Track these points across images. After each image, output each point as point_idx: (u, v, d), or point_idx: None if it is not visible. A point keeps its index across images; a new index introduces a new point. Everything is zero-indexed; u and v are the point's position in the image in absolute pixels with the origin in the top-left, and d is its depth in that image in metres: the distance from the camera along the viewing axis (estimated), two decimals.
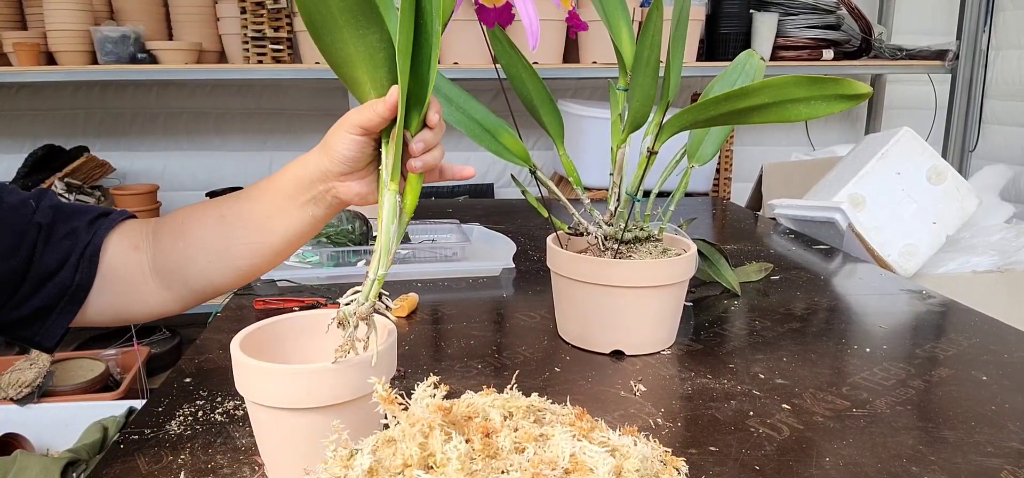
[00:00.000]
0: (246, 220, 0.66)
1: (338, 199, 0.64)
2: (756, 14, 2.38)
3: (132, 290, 0.69)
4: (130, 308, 0.70)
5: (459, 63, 2.24)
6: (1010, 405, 0.74)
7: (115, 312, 0.70)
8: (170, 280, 0.68)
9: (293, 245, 0.67)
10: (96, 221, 0.70)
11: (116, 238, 0.69)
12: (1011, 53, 2.44)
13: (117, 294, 0.69)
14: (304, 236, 0.66)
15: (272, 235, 0.65)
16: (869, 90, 0.61)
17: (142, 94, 2.68)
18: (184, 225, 0.68)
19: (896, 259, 1.62)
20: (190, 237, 0.67)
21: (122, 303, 0.69)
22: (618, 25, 0.85)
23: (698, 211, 1.79)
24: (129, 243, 0.69)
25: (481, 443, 0.43)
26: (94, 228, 0.69)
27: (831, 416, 0.72)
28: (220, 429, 0.69)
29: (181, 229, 0.68)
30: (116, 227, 0.70)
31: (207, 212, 0.68)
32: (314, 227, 0.66)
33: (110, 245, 0.69)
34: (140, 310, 0.70)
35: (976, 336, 0.93)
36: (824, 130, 2.87)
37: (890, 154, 1.65)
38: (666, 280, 0.84)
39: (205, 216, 0.68)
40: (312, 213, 0.64)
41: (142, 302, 0.69)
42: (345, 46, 0.54)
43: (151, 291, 0.69)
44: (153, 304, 0.69)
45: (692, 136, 0.94)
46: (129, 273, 0.68)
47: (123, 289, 0.69)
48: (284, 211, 0.65)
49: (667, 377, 0.81)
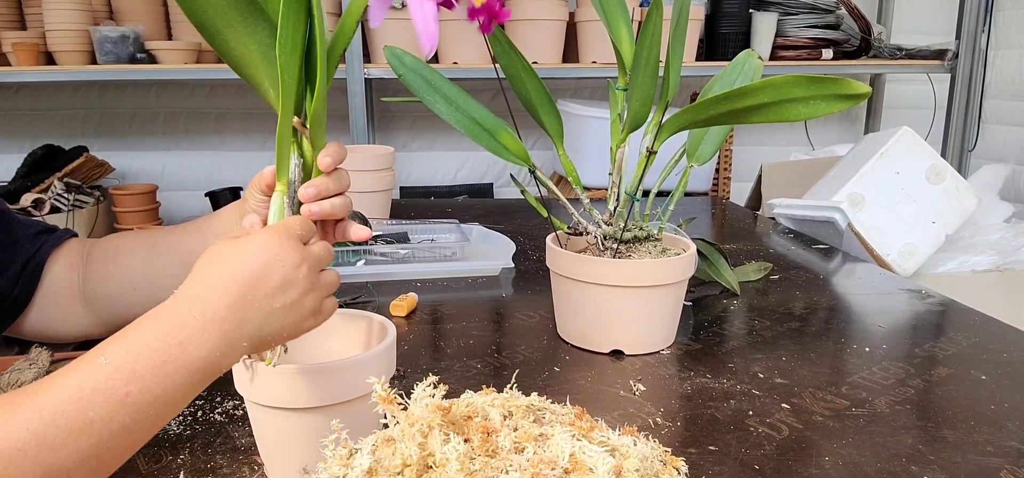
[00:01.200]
0: (173, 253, 0.68)
1: None
2: (755, 14, 2.38)
3: (62, 310, 0.70)
4: (57, 328, 0.71)
5: (459, 63, 2.24)
6: (1009, 404, 0.74)
7: (43, 329, 0.71)
8: (95, 305, 0.70)
9: None
10: (40, 236, 0.71)
11: (59, 256, 0.71)
12: (1010, 52, 2.44)
13: (48, 312, 0.70)
14: None
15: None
16: (868, 90, 0.61)
17: (141, 94, 2.68)
18: (117, 251, 0.70)
19: (895, 258, 1.62)
20: (120, 263, 0.69)
21: (51, 321, 0.71)
22: (618, 25, 0.85)
23: (697, 211, 1.79)
24: (67, 263, 0.71)
25: (480, 443, 0.43)
26: (38, 242, 0.70)
27: (830, 415, 0.72)
28: (219, 429, 0.69)
29: (114, 254, 0.70)
30: (61, 245, 0.71)
31: (141, 240, 0.70)
32: None
33: (53, 262, 0.70)
34: (66, 331, 0.72)
35: (975, 335, 0.93)
36: (823, 130, 2.87)
37: (889, 154, 1.65)
38: (665, 280, 0.84)
39: (138, 245, 0.70)
40: None
41: (70, 324, 0.71)
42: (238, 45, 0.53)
43: (78, 313, 0.70)
44: (78, 327, 0.71)
45: (691, 136, 0.94)
46: (61, 294, 0.70)
47: (54, 308, 0.70)
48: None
49: (666, 377, 0.81)
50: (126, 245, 0.71)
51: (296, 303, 0.51)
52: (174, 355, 0.46)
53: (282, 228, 0.53)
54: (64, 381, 0.43)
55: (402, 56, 0.86)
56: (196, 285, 0.49)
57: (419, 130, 2.74)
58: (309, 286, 0.52)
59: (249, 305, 0.49)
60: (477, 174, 2.81)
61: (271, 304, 0.50)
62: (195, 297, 0.48)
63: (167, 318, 0.47)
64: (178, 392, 0.46)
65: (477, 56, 2.23)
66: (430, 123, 2.73)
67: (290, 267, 0.51)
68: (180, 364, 0.46)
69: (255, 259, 0.50)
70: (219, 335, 0.48)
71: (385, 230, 1.34)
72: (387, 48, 0.85)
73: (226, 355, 0.49)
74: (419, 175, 2.76)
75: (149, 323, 0.47)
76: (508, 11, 0.73)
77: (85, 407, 0.43)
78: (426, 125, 2.73)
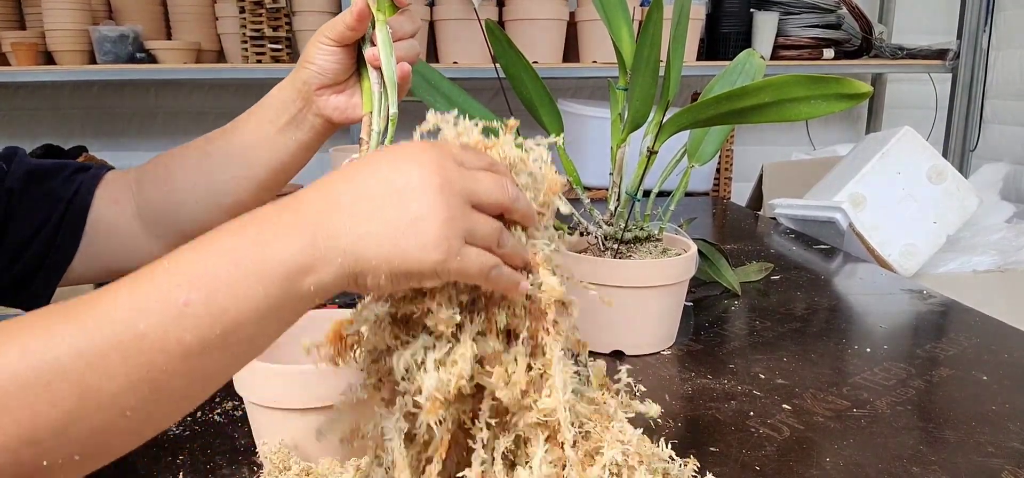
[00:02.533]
0: (229, 153, 0.63)
1: (319, 117, 0.61)
2: (756, 13, 2.37)
3: (120, 243, 0.66)
4: (119, 261, 0.66)
5: (459, 63, 2.23)
6: (1011, 405, 0.74)
7: (104, 267, 0.66)
8: (160, 228, 0.65)
9: (278, 178, 0.64)
10: (74, 176, 0.66)
11: (100, 192, 0.66)
12: (1012, 52, 2.44)
13: (105, 250, 0.66)
14: (288, 168, 0.64)
15: (255, 167, 0.63)
16: (869, 89, 0.61)
17: (140, 94, 2.68)
18: (168, 168, 0.66)
19: (896, 259, 1.62)
20: (174, 180, 0.65)
21: (111, 258, 0.66)
22: (618, 25, 0.85)
23: (698, 211, 1.78)
24: (110, 196, 0.66)
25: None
26: (74, 184, 0.65)
27: (831, 416, 0.71)
28: (219, 429, 0.68)
29: (165, 173, 0.66)
30: (99, 183, 0.67)
31: (190, 151, 0.66)
32: (297, 156, 0.63)
33: (95, 202, 0.65)
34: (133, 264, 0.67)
35: (976, 336, 0.92)
36: (824, 129, 2.86)
37: (890, 153, 1.65)
38: (666, 280, 0.84)
39: (188, 155, 0.65)
40: (295, 138, 0.62)
41: (134, 256, 0.66)
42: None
43: (140, 243, 0.66)
44: (145, 255, 0.65)
45: (692, 135, 0.94)
46: (115, 227, 0.66)
47: (110, 244, 0.66)
48: (267, 139, 0.62)
49: (667, 377, 0.81)
50: (176, 161, 0.65)
51: (417, 221, 0.38)
52: (247, 257, 0.37)
53: (436, 144, 0.42)
54: (119, 288, 0.36)
55: None
56: (309, 189, 0.41)
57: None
58: (443, 210, 0.39)
59: (353, 208, 0.39)
60: None
61: (382, 212, 0.39)
62: (297, 199, 0.40)
63: (251, 219, 0.39)
64: (251, 308, 0.37)
65: (477, 56, 2.22)
66: None
67: (421, 172, 0.39)
68: (253, 269, 0.37)
69: (382, 163, 0.40)
70: (308, 239, 0.38)
71: None
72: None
73: (313, 265, 0.38)
74: None
75: (231, 226, 0.39)
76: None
77: (135, 317, 0.35)
78: None
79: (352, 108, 0.61)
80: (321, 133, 0.63)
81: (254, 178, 0.63)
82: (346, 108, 0.61)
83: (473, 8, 2.10)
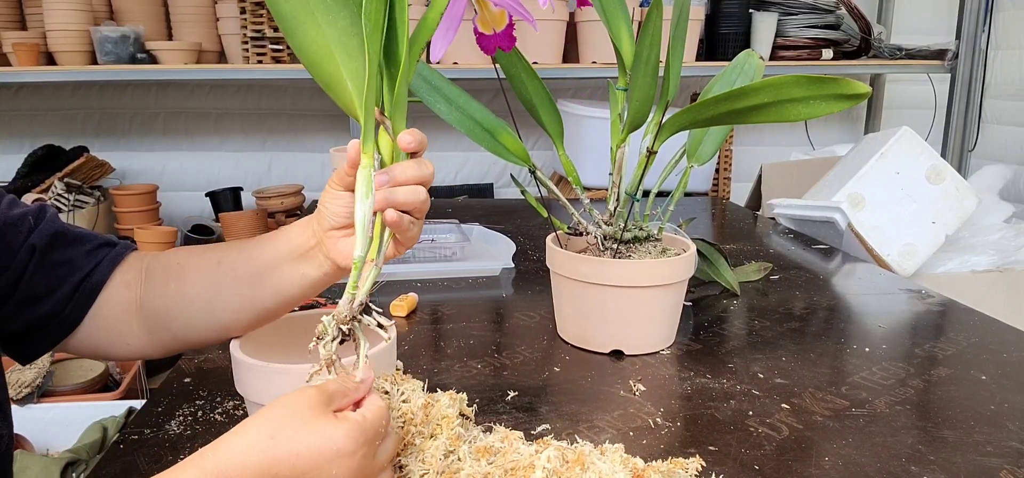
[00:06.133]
0: (240, 271, 0.63)
1: (329, 259, 0.61)
2: (755, 14, 2.38)
3: (116, 330, 0.66)
4: (109, 347, 0.67)
5: (459, 63, 2.24)
6: (1009, 405, 0.74)
7: (95, 347, 0.66)
8: (154, 324, 0.65)
9: (279, 309, 0.64)
10: (98, 251, 0.66)
11: (118, 274, 0.66)
12: (1010, 53, 2.44)
13: (102, 331, 0.65)
14: (291, 302, 0.64)
15: (262, 291, 0.63)
16: (868, 90, 0.61)
17: (141, 94, 2.68)
18: (180, 268, 0.65)
19: (895, 259, 1.62)
20: (183, 281, 0.64)
21: (104, 340, 0.66)
22: (618, 25, 0.85)
23: (697, 211, 1.79)
24: (124, 281, 0.66)
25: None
26: (95, 259, 0.65)
27: (830, 416, 0.72)
28: (220, 429, 0.69)
29: (176, 272, 0.65)
30: (121, 262, 0.66)
31: (206, 257, 0.65)
32: (304, 290, 0.63)
33: (111, 281, 0.65)
34: (119, 351, 0.67)
35: (975, 336, 0.93)
36: (824, 130, 2.87)
37: (889, 154, 1.65)
38: (665, 280, 0.84)
39: (202, 261, 0.65)
40: (303, 272, 0.62)
41: (123, 343, 0.66)
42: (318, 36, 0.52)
43: (133, 333, 0.66)
44: (133, 346, 0.66)
45: (691, 136, 0.94)
46: (117, 313, 0.65)
47: (108, 328, 0.65)
48: (278, 267, 0.62)
49: (666, 377, 0.81)
50: (190, 262, 0.65)
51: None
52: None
53: (366, 429, 0.48)
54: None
55: None
56: (230, 447, 0.45)
57: (419, 130, 2.74)
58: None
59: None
60: (477, 174, 2.81)
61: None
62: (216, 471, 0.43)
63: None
64: None
65: (477, 56, 2.23)
66: (430, 123, 2.73)
67: (346, 473, 0.46)
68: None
69: (312, 453, 0.45)
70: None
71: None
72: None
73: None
74: None
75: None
76: (515, 38, 0.74)
77: None
78: (426, 125, 2.72)
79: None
80: (329, 275, 0.62)
81: (258, 304, 0.63)
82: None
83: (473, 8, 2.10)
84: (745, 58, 0.95)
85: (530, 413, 0.72)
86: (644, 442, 0.67)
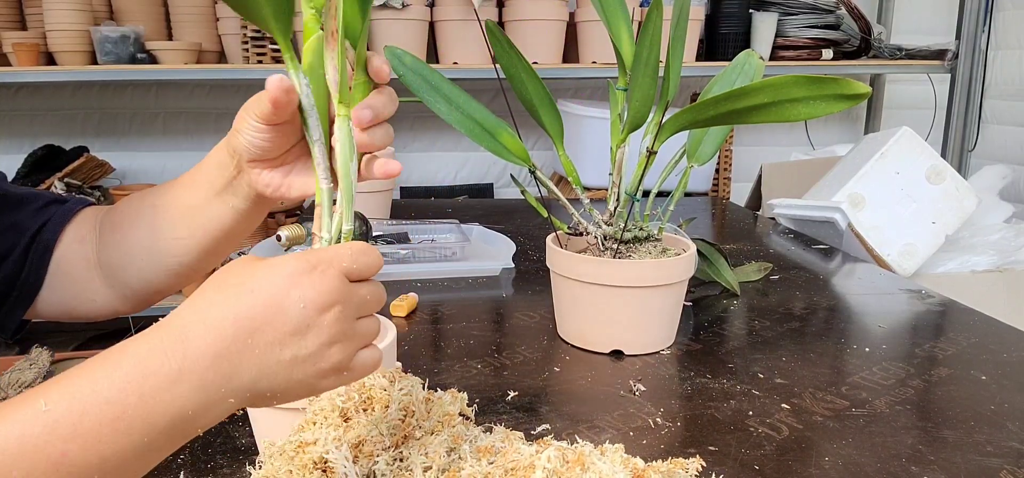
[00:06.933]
0: (173, 213, 0.60)
1: (252, 188, 0.56)
2: (755, 14, 2.38)
3: (80, 287, 0.63)
4: (78, 306, 0.64)
5: (459, 63, 2.24)
6: (1009, 405, 0.74)
7: (64, 308, 0.64)
8: (112, 278, 0.63)
9: (221, 246, 0.61)
10: (46, 209, 0.64)
11: (70, 229, 0.64)
12: (1010, 53, 2.44)
13: (66, 290, 0.63)
14: (231, 235, 0.60)
15: (198, 230, 0.59)
16: (868, 90, 0.61)
17: (141, 94, 2.68)
18: (123, 215, 0.63)
19: (895, 259, 1.62)
20: (127, 229, 0.62)
21: (71, 300, 0.64)
22: (618, 25, 0.85)
23: (697, 211, 1.79)
24: (78, 235, 0.64)
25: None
26: (42, 217, 0.63)
27: (830, 416, 0.72)
28: (220, 429, 0.68)
29: (120, 220, 0.63)
30: (72, 219, 0.64)
31: (143, 202, 0.62)
32: (238, 223, 0.59)
33: (64, 237, 0.63)
34: (87, 309, 0.64)
35: (975, 336, 0.93)
36: (824, 130, 2.87)
37: (889, 154, 1.65)
38: (665, 280, 0.84)
39: (141, 206, 0.62)
40: (232, 205, 0.58)
41: (89, 300, 0.64)
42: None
43: (97, 289, 0.63)
44: (100, 303, 0.64)
45: (691, 136, 0.94)
46: (75, 268, 0.63)
47: (71, 285, 0.63)
48: (205, 203, 0.58)
49: (666, 377, 0.81)
50: (130, 210, 0.62)
51: (312, 356, 0.41)
52: (131, 410, 0.37)
53: (324, 257, 0.42)
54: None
55: (402, 56, 0.86)
56: (187, 315, 0.40)
57: (419, 130, 2.74)
58: (336, 335, 0.42)
59: (245, 352, 0.40)
60: (477, 174, 2.81)
61: (276, 355, 0.40)
62: (178, 334, 0.39)
63: (134, 359, 0.38)
64: (135, 454, 0.38)
65: (477, 56, 2.23)
66: (430, 123, 2.73)
67: (312, 308, 0.41)
68: (137, 421, 0.37)
69: (270, 293, 0.40)
70: (197, 387, 0.39)
71: (385, 230, 1.34)
72: (387, 48, 0.85)
73: (205, 412, 0.40)
74: (419, 175, 2.76)
75: (110, 363, 0.38)
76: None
77: (9, 464, 0.35)
78: (426, 125, 2.73)
79: (288, 187, 0.55)
80: (258, 204, 0.58)
81: (197, 243, 0.60)
82: (280, 186, 0.55)
83: (473, 9, 2.11)
84: (745, 58, 0.95)
85: (530, 413, 0.72)
86: (644, 442, 0.67)
